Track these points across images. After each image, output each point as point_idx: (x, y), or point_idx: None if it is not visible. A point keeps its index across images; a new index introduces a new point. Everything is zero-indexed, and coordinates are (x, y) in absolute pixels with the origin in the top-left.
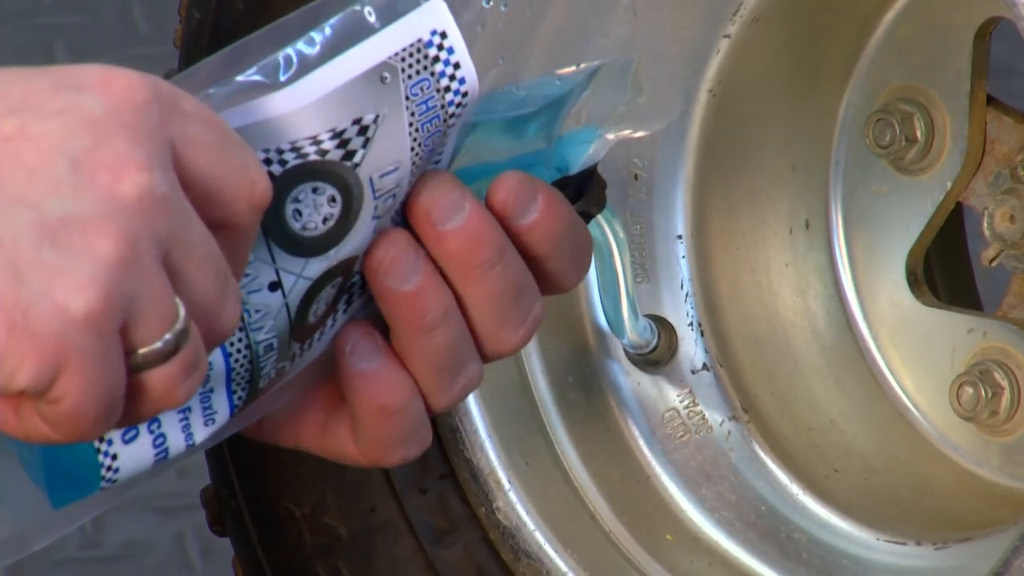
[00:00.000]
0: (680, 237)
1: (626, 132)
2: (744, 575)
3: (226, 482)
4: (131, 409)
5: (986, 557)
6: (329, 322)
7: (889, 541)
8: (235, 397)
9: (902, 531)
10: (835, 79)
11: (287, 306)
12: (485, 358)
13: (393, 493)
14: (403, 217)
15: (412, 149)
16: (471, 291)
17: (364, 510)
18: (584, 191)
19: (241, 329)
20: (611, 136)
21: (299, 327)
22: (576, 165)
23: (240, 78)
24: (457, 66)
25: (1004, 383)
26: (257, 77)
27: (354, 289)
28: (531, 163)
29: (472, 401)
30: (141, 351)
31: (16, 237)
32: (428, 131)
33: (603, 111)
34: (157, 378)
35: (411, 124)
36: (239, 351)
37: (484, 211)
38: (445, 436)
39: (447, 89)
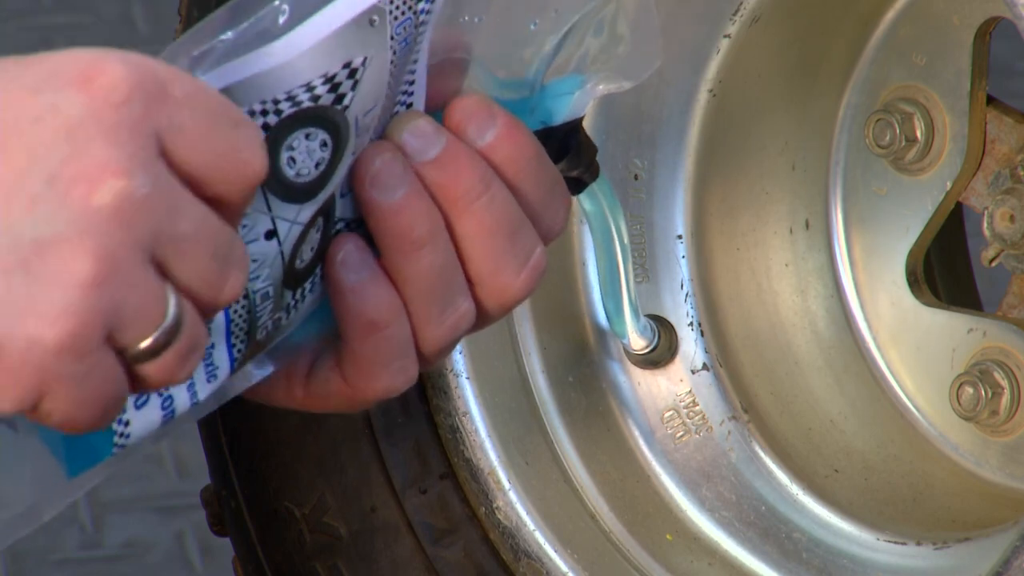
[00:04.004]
0: (680, 237)
1: (610, 84)
2: (744, 575)
3: (226, 482)
4: (138, 387)
5: (986, 557)
6: (318, 271)
7: (889, 541)
8: (235, 350)
9: (902, 531)
10: (835, 79)
11: (282, 254)
12: (487, 308)
13: (393, 493)
14: None
15: (388, 84)
16: (462, 225)
17: (364, 510)
18: (568, 148)
19: None
20: (594, 87)
21: (290, 274)
22: (559, 117)
23: (238, 29)
24: (434, 0)
25: (1004, 383)
26: (255, 28)
27: (338, 234)
28: (514, 111)
29: (472, 401)
30: (132, 350)
31: None
32: (400, 63)
33: (584, 61)
34: (154, 368)
35: (392, 62)
36: (239, 302)
37: (463, 144)
38: (445, 436)
39: (423, 23)
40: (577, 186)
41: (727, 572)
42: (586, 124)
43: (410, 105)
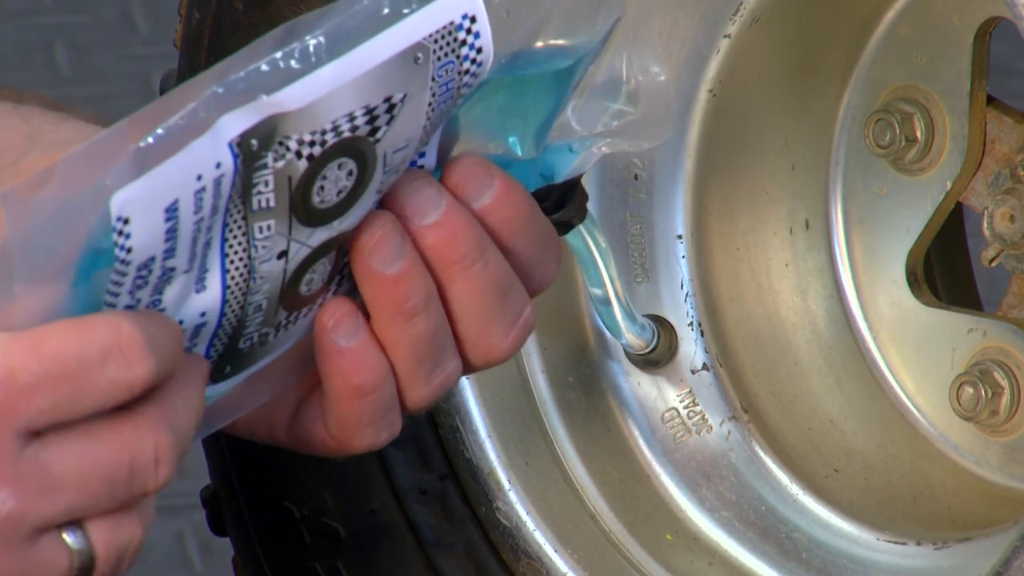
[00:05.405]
0: (680, 237)
1: (615, 148)
2: (744, 575)
3: (226, 482)
4: None
5: (986, 557)
6: (319, 300)
7: (889, 541)
8: (212, 350)
9: (902, 531)
10: (835, 79)
11: (285, 271)
12: (474, 365)
13: (393, 493)
14: None
15: (424, 128)
16: (455, 289)
17: (364, 510)
18: (566, 201)
19: (244, 293)
20: (599, 149)
21: (290, 294)
22: (562, 174)
23: (278, 56)
24: (480, 50)
25: (1004, 383)
26: (295, 57)
27: (346, 271)
28: (516, 167)
29: (472, 401)
30: None
31: None
32: (441, 111)
33: (593, 119)
34: None
35: (430, 104)
36: (234, 312)
37: (462, 208)
38: (445, 436)
39: (467, 72)
40: (565, 228)
41: (727, 572)
42: None
43: (423, 166)
